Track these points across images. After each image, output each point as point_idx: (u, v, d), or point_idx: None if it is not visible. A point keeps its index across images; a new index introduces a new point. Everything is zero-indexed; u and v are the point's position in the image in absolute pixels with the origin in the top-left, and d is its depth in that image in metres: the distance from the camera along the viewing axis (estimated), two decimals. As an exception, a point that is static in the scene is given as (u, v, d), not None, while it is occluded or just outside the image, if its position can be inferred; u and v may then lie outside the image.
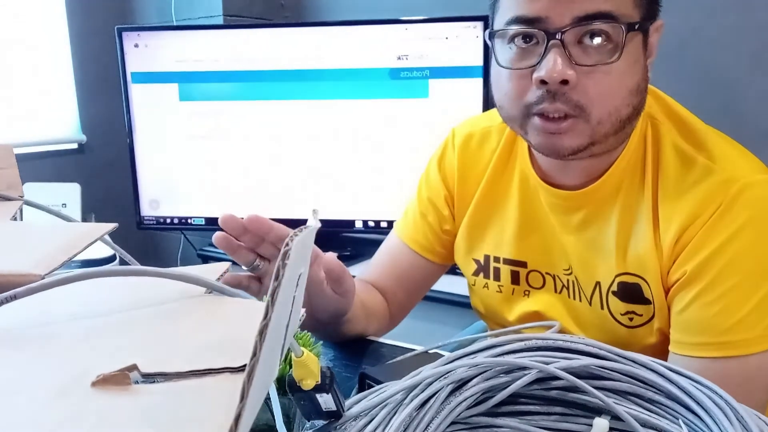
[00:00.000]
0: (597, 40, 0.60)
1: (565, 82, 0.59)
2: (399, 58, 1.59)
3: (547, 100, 0.61)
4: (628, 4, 0.60)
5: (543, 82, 0.60)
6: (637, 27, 0.61)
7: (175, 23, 2.00)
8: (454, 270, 0.88)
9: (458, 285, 0.89)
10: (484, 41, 1.47)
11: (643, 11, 0.62)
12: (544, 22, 0.60)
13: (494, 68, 0.67)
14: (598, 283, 0.71)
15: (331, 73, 1.64)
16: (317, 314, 0.72)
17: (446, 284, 1.33)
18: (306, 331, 0.58)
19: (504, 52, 0.65)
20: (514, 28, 0.62)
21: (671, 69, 1.41)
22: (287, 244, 0.24)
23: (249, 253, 0.67)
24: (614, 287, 0.70)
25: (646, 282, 0.67)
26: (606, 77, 0.60)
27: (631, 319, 0.69)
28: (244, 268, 0.68)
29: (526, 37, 0.62)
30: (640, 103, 0.64)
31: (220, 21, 1.90)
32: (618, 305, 0.70)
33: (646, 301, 0.68)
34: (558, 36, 0.59)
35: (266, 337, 0.22)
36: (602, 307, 0.71)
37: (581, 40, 0.60)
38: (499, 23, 0.65)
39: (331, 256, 0.67)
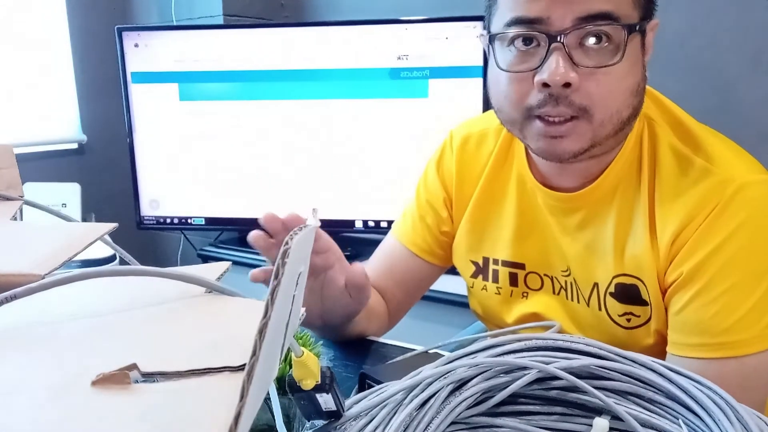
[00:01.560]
0: (598, 42, 0.59)
1: (567, 84, 0.59)
2: (399, 58, 1.59)
3: (550, 104, 0.60)
4: (628, 4, 0.60)
5: (545, 85, 0.60)
6: (637, 27, 0.61)
7: (175, 23, 2.00)
8: (453, 270, 0.88)
9: (458, 285, 0.89)
10: (484, 41, 1.47)
11: (641, 11, 0.62)
12: (545, 24, 0.59)
13: (492, 71, 0.66)
14: (596, 285, 0.71)
15: (331, 73, 1.64)
16: (327, 316, 0.73)
17: (446, 284, 1.33)
18: (306, 331, 0.58)
19: (503, 54, 0.64)
20: (514, 30, 0.61)
21: (671, 69, 1.41)
22: (287, 243, 0.24)
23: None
24: (612, 288, 0.69)
25: (643, 283, 0.67)
26: (608, 79, 0.60)
27: (628, 320, 0.69)
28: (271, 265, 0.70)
29: (527, 40, 0.61)
30: (639, 103, 0.64)
31: (220, 21, 1.90)
32: (615, 306, 0.70)
33: (643, 302, 0.68)
34: (560, 38, 0.58)
35: (266, 336, 0.22)
36: (600, 309, 0.71)
37: (582, 42, 0.59)
38: (497, 25, 0.64)
39: (358, 270, 0.69)
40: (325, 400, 0.38)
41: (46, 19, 1.96)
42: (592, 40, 0.59)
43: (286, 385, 0.37)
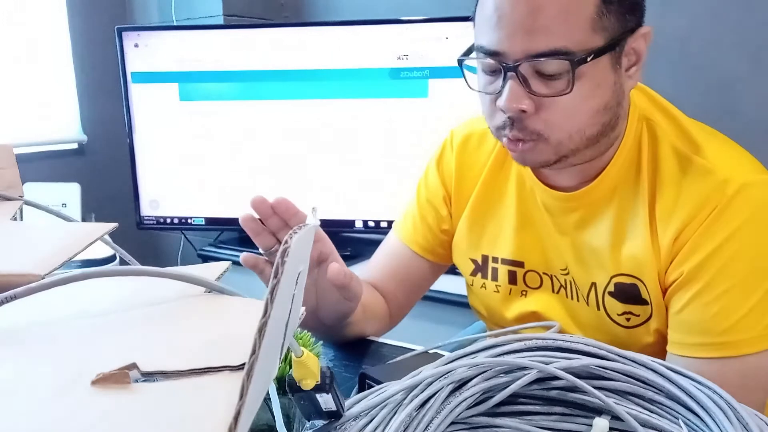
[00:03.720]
0: (549, 74, 0.61)
1: (523, 110, 0.61)
2: (399, 58, 1.59)
3: (508, 127, 0.64)
4: (585, 33, 0.60)
5: (503, 110, 0.63)
6: (593, 55, 0.60)
7: (175, 23, 2.00)
8: (454, 270, 0.88)
9: (458, 285, 0.89)
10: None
11: (610, 32, 0.61)
12: (502, 56, 0.61)
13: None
14: (593, 284, 0.71)
15: (331, 73, 1.64)
16: (322, 315, 0.73)
17: (446, 284, 1.32)
18: (306, 331, 0.58)
19: (478, 75, 0.67)
20: (477, 58, 0.65)
21: (671, 69, 1.41)
22: (286, 242, 0.24)
23: (270, 238, 0.69)
24: (610, 288, 0.70)
25: (643, 283, 0.67)
26: (564, 106, 0.61)
27: (628, 320, 0.69)
28: (261, 252, 0.70)
29: (490, 67, 0.64)
30: (611, 118, 0.65)
31: (220, 21, 1.90)
32: (615, 306, 0.70)
33: (643, 302, 0.68)
34: (509, 70, 0.61)
35: (265, 335, 0.22)
36: (599, 308, 0.71)
37: (538, 71, 0.61)
38: (472, 47, 0.67)
39: (334, 269, 0.68)
40: (325, 400, 0.38)
41: (46, 19, 1.96)
42: (543, 73, 0.61)
43: (286, 385, 0.37)
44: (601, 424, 0.40)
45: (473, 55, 0.66)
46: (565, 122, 0.62)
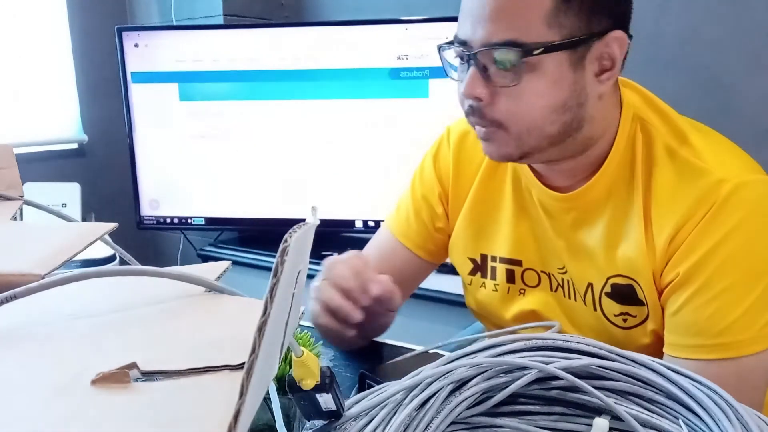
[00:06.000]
0: (501, 65, 0.62)
1: (479, 98, 0.64)
2: (399, 58, 1.59)
3: (470, 114, 0.66)
4: (539, 27, 0.60)
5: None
6: (544, 50, 0.60)
7: (175, 23, 2.00)
8: (452, 269, 0.88)
9: (457, 285, 0.88)
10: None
11: (569, 30, 0.61)
12: (467, 45, 0.65)
13: None
14: (590, 285, 0.71)
15: (332, 73, 1.64)
16: (367, 330, 0.74)
17: (446, 284, 1.33)
18: (306, 331, 0.58)
19: (455, 64, 0.70)
20: (448, 46, 0.69)
21: (671, 69, 1.41)
22: (285, 241, 0.24)
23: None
24: (607, 288, 0.70)
25: (638, 283, 0.67)
26: (516, 97, 0.63)
27: (624, 320, 0.69)
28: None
29: (460, 56, 0.67)
30: (572, 119, 0.64)
31: (220, 21, 1.90)
32: (611, 306, 0.70)
33: (639, 303, 0.68)
34: (472, 58, 0.64)
35: (265, 334, 0.22)
36: (596, 308, 0.71)
37: (495, 61, 0.63)
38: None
39: (383, 284, 0.69)
40: (325, 400, 0.38)
41: (47, 19, 1.96)
42: (498, 63, 0.63)
43: (286, 385, 0.37)
44: (601, 424, 0.40)
45: (442, 44, 0.70)
46: (519, 115, 0.64)
